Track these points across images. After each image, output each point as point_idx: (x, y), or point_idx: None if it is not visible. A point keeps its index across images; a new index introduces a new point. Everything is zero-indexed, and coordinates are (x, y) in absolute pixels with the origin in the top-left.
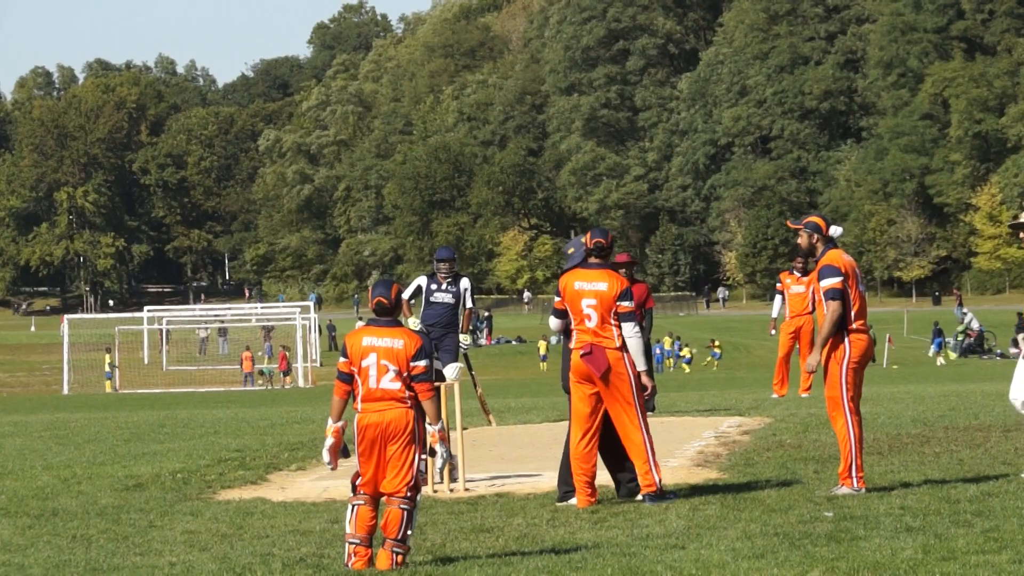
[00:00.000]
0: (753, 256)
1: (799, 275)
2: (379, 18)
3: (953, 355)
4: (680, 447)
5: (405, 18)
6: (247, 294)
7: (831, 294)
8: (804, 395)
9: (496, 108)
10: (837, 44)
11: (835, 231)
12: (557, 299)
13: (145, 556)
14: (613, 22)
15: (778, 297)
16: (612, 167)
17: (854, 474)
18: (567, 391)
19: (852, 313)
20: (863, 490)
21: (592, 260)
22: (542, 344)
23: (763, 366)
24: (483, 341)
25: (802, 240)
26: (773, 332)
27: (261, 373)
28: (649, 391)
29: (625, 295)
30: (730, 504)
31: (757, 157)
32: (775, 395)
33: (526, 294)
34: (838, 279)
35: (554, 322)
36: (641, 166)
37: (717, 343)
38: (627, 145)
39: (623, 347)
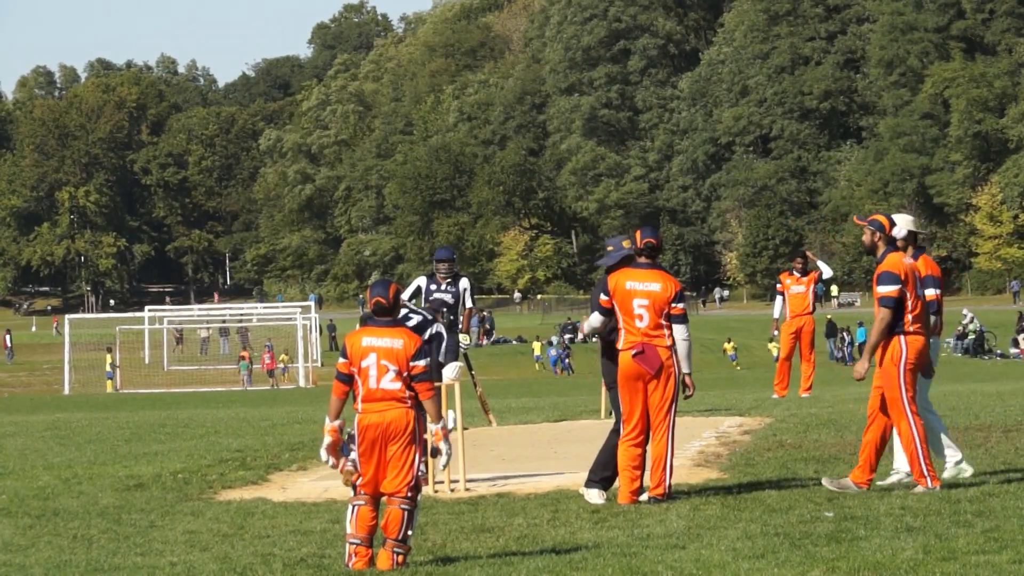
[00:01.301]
0: (754, 256)
1: (799, 275)
2: (380, 18)
3: (953, 354)
4: (681, 447)
5: (406, 18)
6: (215, 298)
7: (885, 302)
8: (805, 395)
9: (496, 108)
10: (837, 44)
11: (898, 232)
12: (604, 297)
13: (146, 556)
14: (614, 22)
15: (779, 298)
16: (612, 167)
17: (926, 473)
18: (609, 387)
19: (910, 316)
20: (938, 488)
21: (642, 260)
22: (536, 345)
23: (763, 366)
24: (476, 341)
25: (865, 237)
26: (775, 333)
27: (271, 374)
28: (691, 392)
29: (679, 297)
30: (731, 504)
31: (757, 157)
32: (776, 395)
33: (516, 294)
34: (895, 287)
35: (597, 318)
36: (641, 166)
37: (732, 344)
38: (627, 145)
39: (673, 347)
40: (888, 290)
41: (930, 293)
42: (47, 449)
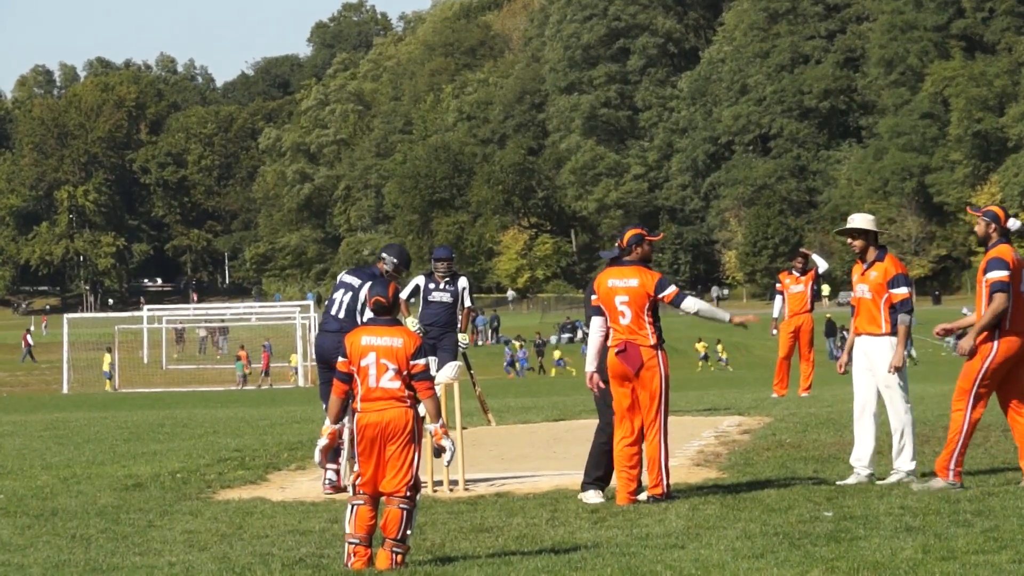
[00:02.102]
0: (753, 255)
1: (798, 274)
2: (379, 17)
3: (953, 353)
4: (680, 446)
5: (405, 16)
6: (195, 298)
7: (998, 286)
8: (804, 395)
9: (496, 107)
10: (837, 43)
11: (1013, 224)
12: (594, 297)
13: (144, 556)
14: (613, 20)
15: (778, 297)
16: (612, 166)
17: (952, 467)
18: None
19: (1009, 314)
20: (959, 484)
21: (625, 258)
22: (516, 345)
23: (763, 366)
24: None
25: (979, 228)
26: (775, 332)
27: (266, 374)
28: (746, 321)
29: (662, 286)
30: (730, 504)
31: (757, 156)
32: (775, 395)
33: (509, 293)
34: (1006, 272)
35: (595, 320)
36: (641, 165)
37: (704, 344)
38: (627, 144)
39: (657, 345)
40: (999, 275)
41: (903, 291)
42: (45, 449)
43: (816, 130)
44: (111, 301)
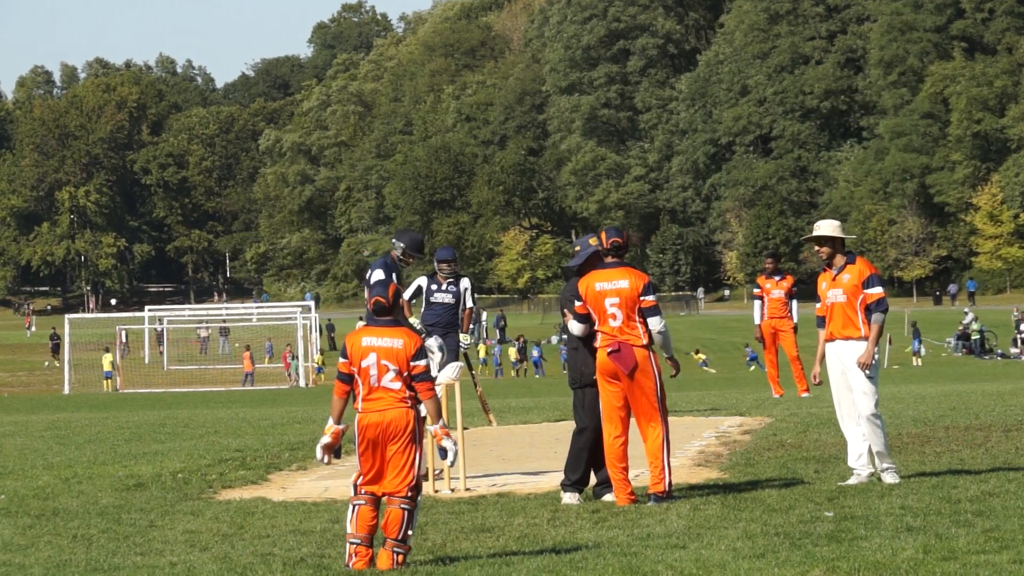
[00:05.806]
0: (754, 256)
1: (776, 278)
2: (379, 17)
3: (954, 354)
4: (681, 447)
5: (405, 17)
6: (186, 296)
7: None
8: (805, 395)
9: (496, 108)
10: (837, 43)
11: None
12: (578, 303)
13: (146, 556)
14: (613, 22)
15: (756, 302)
16: (612, 167)
17: None
18: (573, 388)
19: None
20: None
21: (609, 260)
22: (512, 351)
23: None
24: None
25: None
26: (759, 338)
27: (290, 375)
28: (675, 373)
29: (647, 290)
30: (731, 504)
31: (758, 157)
32: (775, 395)
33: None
34: None
35: (576, 327)
36: (641, 166)
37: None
38: (627, 145)
39: (649, 344)
40: None
41: (878, 291)
42: (47, 449)
43: (817, 131)
44: (113, 301)
